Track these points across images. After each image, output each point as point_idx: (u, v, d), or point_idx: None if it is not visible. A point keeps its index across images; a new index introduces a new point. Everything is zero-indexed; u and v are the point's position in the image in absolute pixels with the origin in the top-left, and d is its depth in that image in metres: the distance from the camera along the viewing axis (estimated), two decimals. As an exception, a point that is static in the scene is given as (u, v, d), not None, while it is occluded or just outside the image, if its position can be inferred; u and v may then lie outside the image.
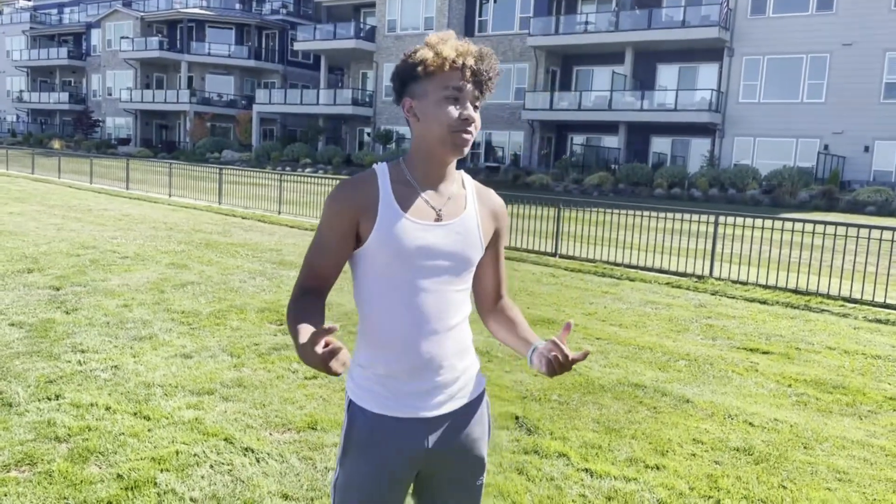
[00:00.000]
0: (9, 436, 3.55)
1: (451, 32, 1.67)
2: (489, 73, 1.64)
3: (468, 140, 1.64)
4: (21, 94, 60.16)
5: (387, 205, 1.64)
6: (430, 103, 1.63)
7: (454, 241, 1.67)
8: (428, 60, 1.62)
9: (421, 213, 1.66)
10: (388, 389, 1.67)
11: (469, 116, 1.62)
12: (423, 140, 1.67)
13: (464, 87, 1.62)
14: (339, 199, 1.65)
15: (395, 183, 1.67)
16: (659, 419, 4.28)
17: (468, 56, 1.62)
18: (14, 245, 9.45)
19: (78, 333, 5.44)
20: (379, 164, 1.72)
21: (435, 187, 1.70)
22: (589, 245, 11.04)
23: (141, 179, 20.75)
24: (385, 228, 1.62)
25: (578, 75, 35.87)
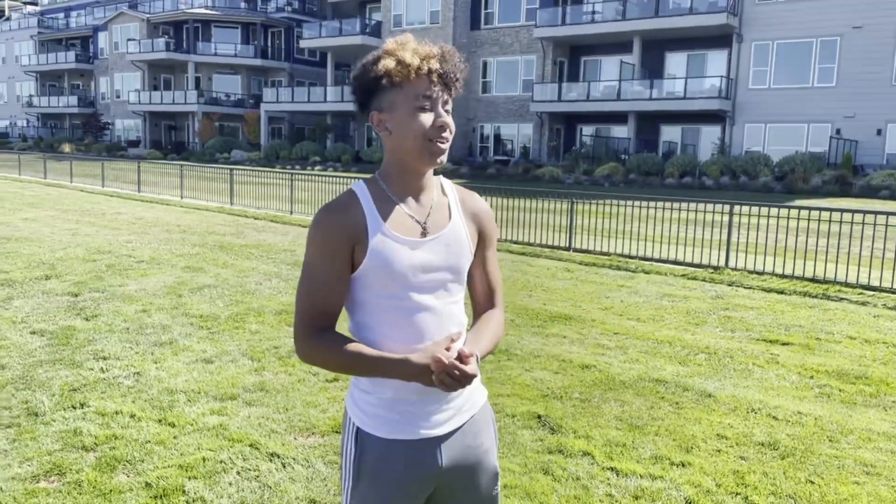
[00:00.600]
0: (36, 446, 3.58)
1: (409, 36, 1.61)
2: (455, 74, 1.59)
3: (445, 148, 1.60)
4: (31, 99, 60.52)
5: (374, 226, 1.59)
6: (402, 115, 1.57)
7: (445, 253, 1.64)
8: (392, 71, 1.55)
9: (408, 229, 1.62)
10: (397, 413, 1.62)
11: (444, 123, 1.58)
12: (398, 153, 1.62)
13: (433, 93, 1.57)
14: (328, 227, 1.59)
15: (377, 201, 1.62)
16: (682, 415, 4.26)
17: (432, 60, 1.57)
18: (31, 251, 9.52)
19: (99, 340, 5.47)
20: (355, 183, 1.66)
21: (416, 199, 1.65)
22: (603, 238, 11.01)
23: (152, 182, 20.83)
24: (377, 251, 1.58)
25: (586, 66, 35.70)
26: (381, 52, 1.58)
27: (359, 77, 1.61)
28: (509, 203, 12.47)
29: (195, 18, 48.63)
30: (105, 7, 59.16)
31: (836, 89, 27.94)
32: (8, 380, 4.52)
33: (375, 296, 1.60)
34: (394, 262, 1.58)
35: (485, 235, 1.74)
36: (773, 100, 29.22)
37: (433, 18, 38.07)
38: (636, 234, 10.84)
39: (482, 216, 1.74)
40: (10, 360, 4.93)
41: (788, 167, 25.63)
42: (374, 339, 1.61)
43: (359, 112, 1.66)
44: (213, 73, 49.10)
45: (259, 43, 48.81)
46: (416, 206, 1.65)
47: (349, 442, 1.68)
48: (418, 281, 1.60)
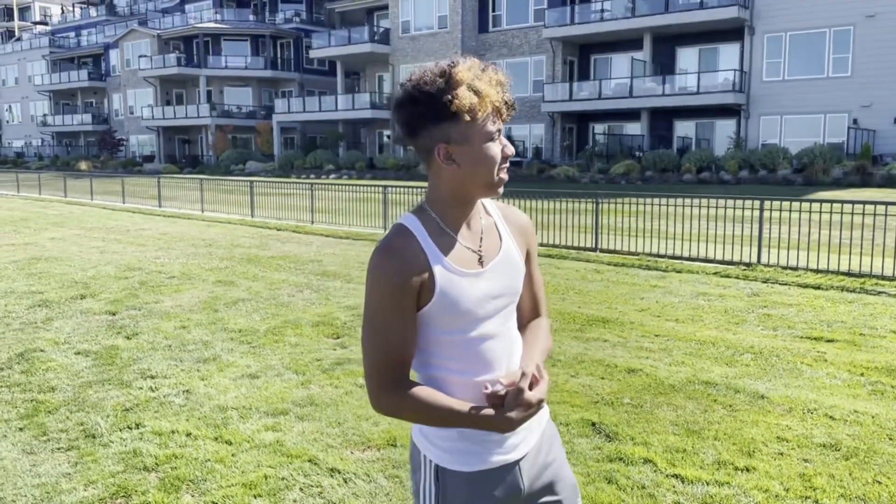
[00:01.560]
0: (99, 468, 3.60)
1: (475, 60, 1.53)
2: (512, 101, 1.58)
3: (507, 177, 1.60)
4: (45, 118, 61.16)
5: (437, 264, 1.54)
6: (475, 147, 1.52)
7: (504, 277, 1.62)
8: (474, 106, 1.48)
9: (467, 261, 1.58)
10: (474, 443, 1.59)
11: (511, 151, 1.57)
12: (464, 185, 1.55)
13: (499, 125, 1.55)
14: (391, 273, 1.51)
15: (432, 235, 1.57)
16: (737, 417, 4.22)
17: (504, 90, 1.55)
18: (62, 271, 9.60)
19: (143, 359, 5.50)
20: (405, 218, 1.60)
21: (468, 227, 1.62)
22: (629, 237, 10.95)
23: (172, 196, 20.98)
24: (444, 290, 1.53)
25: (597, 64, 35.60)
26: (450, 77, 1.47)
27: (424, 103, 1.48)
28: (528, 204, 12.44)
29: (205, 33, 48.97)
30: (116, 25, 59.71)
31: (851, 79, 27.70)
32: (61, 402, 4.55)
33: (439, 332, 1.57)
34: (461, 298, 1.54)
35: (530, 249, 1.74)
36: (787, 91, 29.01)
37: (441, 23, 38.13)
38: (663, 232, 10.78)
39: (527, 230, 1.73)
40: (60, 382, 4.96)
41: (807, 159, 25.43)
42: (439, 375, 1.58)
43: (405, 138, 1.55)
44: (224, 87, 49.41)
45: (269, 54, 49.07)
46: (469, 234, 1.61)
47: (428, 481, 1.63)
48: (484, 312, 1.58)
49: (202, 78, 48.84)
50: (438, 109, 1.47)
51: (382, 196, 14.13)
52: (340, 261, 10.36)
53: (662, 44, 32.29)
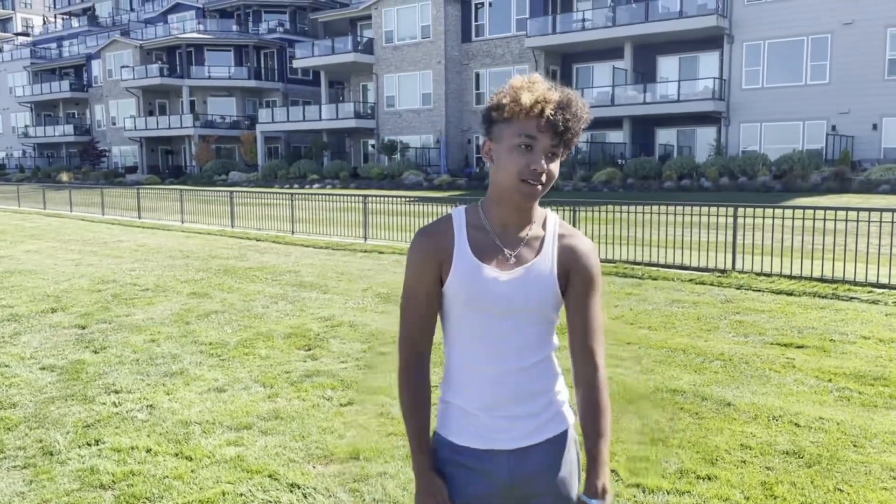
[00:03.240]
0: (54, 486, 3.53)
1: (538, 76, 1.65)
2: (569, 124, 1.61)
3: (534, 192, 1.62)
4: (27, 129, 60.67)
5: (461, 252, 1.68)
6: (503, 149, 1.63)
7: (527, 286, 1.67)
8: (505, 105, 1.62)
9: (494, 258, 1.67)
10: (468, 422, 1.71)
11: (538, 168, 1.60)
12: (495, 184, 1.68)
13: (537, 136, 1.60)
14: (419, 249, 1.71)
15: (470, 228, 1.70)
16: (703, 425, 4.22)
17: (547, 105, 1.60)
18: (34, 284, 9.49)
19: (109, 373, 5.43)
20: (457, 207, 1.76)
21: (510, 231, 1.70)
22: (606, 245, 10.97)
23: (152, 207, 20.84)
24: (459, 275, 1.67)
25: (579, 73, 35.81)
26: (508, 86, 1.65)
27: (487, 106, 1.69)
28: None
29: (188, 43, 48.82)
30: (97, 35, 59.40)
31: (829, 86, 28.01)
32: (21, 418, 4.48)
33: (456, 316, 1.70)
34: (475, 286, 1.65)
35: (579, 276, 1.70)
36: (766, 99, 29.29)
37: (424, 33, 38.24)
38: (640, 240, 10.82)
39: (579, 255, 1.71)
40: (22, 398, 4.89)
41: (787, 165, 25.65)
42: (456, 355, 1.73)
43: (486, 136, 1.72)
44: (207, 97, 49.24)
45: (252, 64, 48.98)
46: (509, 237, 1.70)
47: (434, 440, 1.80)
48: (498, 309, 1.66)
49: (185, 88, 48.66)
50: (488, 110, 1.67)
51: (363, 206, 14.10)
52: (318, 271, 10.31)
53: (643, 52, 32.53)
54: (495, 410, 1.70)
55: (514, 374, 1.69)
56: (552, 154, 1.63)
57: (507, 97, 1.63)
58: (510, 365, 1.69)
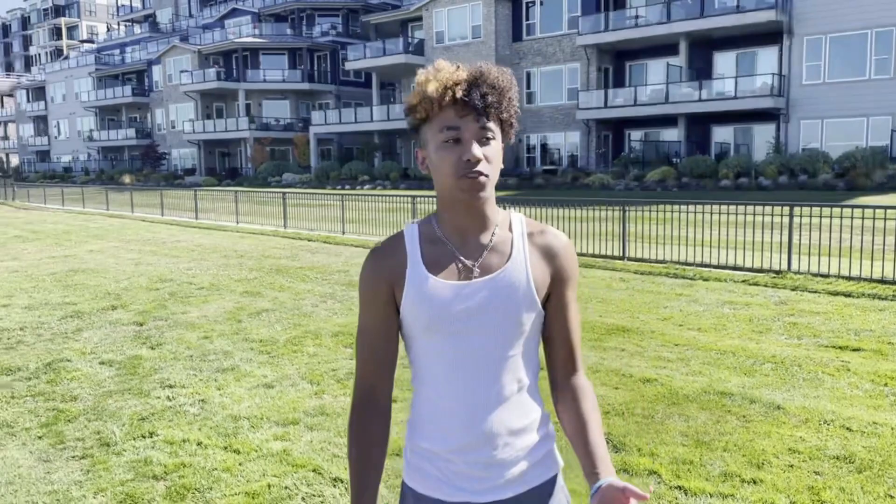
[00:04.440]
0: (109, 476, 3.68)
1: (443, 63, 1.44)
2: (489, 98, 1.40)
3: (477, 185, 1.41)
4: (91, 133, 62.90)
5: (414, 269, 1.46)
6: (432, 152, 1.44)
7: (496, 298, 1.44)
8: (417, 105, 1.44)
9: (453, 271, 1.46)
10: (436, 468, 1.47)
11: (472, 157, 1.39)
12: (439, 192, 1.48)
13: (459, 124, 1.40)
14: (367, 272, 1.50)
15: (425, 243, 1.49)
16: (750, 429, 4.14)
17: (457, 86, 1.40)
18: (96, 283, 9.86)
19: (164, 368, 5.62)
20: (409, 224, 1.56)
21: (470, 238, 1.48)
22: (658, 245, 10.81)
23: (209, 208, 21.39)
24: (413, 295, 1.45)
25: (632, 70, 35.31)
26: (415, 83, 1.46)
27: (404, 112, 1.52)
28: (558, 213, 12.38)
29: (244, 47, 49.92)
30: (158, 41, 61.24)
31: (893, 81, 26.97)
32: (81, 410, 4.67)
33: (418, 344, 1.48)
34: (433, 305, 1.43)
35: (557, 274, 1.49)
36: (828, 95, 28.37)
37: (475, 33, 38.24)
38: (692, 240, 10.62)
39: (556, 253, 1.49)
40: (82, 391, 5.10)
41: (849, 163, 24.80)
42: (426, 390, 1.49)
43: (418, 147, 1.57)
44: (262, 100, 50.26)
45: (306, 67, 49.80)
46: (470, 245, 1.48)
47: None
48: (463, 329, 1.43)
49: (241, 91, 49.77)
50: (404, 112, 1.51)
51: (411, 206, 14.20)
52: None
53: (699, 49, 31.88)
54: (469, 454, 1.44)
55: (491, 408, 1.45)
56: (484, 138, 1.42)
57: (416, 96, 1.44)
58: (485, 397, 1.45)
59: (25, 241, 15.94)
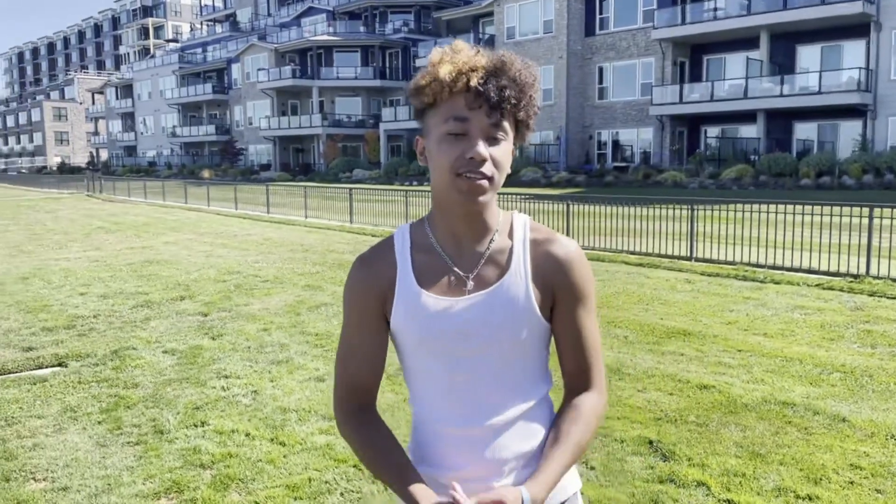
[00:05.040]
0: (160, 463, 3.79)
1: (463, 44, 1.30)
2: (506, 92, 1.25)
3: (477, 187, 1.25)
4: (174, 130, 65.40)
5: (403, 280, 1.34)
6: (432, 141, 1.29)
7: (492, 314, 1.31)
8: (425, 87, 1.28)
9: (445, 285, 1.33)
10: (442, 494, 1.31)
11: (476, 154, 1.23)
12: (434, 190, 1.34)
13: (469, 116, 1.25)
14: (353, 282, 1.38)
15: (416, 250, 1.36)
16: (811, 442, 3.93)
17: (473, 73, 1.25)
18: (169, 273, 10.21)
19: (223, 359, 5.76)
20: (400, 227, 1.43)
21: (464, 246, 1.35)
22: (728, 246, 10.43)
23: (280, 203, 21.89)
24: (403, 310, 1.33)
25: (709, 64, 34.27)
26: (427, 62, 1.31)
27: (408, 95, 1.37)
28: (625, 211, 12.11)
29: (318, 45, 50.91)
30: (237, 40, 63.09)
31: None
32: (140, 398, 4.84)
33: (418, 361, 1.36)
34: (424, 321, 1.31)
35: (564, 290, 1.34)
36: (921, 89, 26.83)
37: (546, 28, 37.86)
38: (765, 241, 10.20)
39: (562, 265, 1.34)
40: (144, 379, 5.28)
41: (942, 162, 23.41)
42: (424, 412, 1.39)
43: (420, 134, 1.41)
44: (335, 97, 51.16)
45: (378, 64, 50.39)
46: (464, 254, 1.34)
47: None
48: (457, 347, 1.31)
49: (315, 89, 50.79)
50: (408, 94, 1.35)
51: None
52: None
53: (780, 42, 30.66)
54: (475, 483, 1.30)
55: (495, 434, 1.33)
56: (494, 136, 1.26)
57: (425, 76, 1.28)
58: (486, 422, 1.32)
59: (108, 232, 16.70)
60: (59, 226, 18.57)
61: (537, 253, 1.35)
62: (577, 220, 12.20)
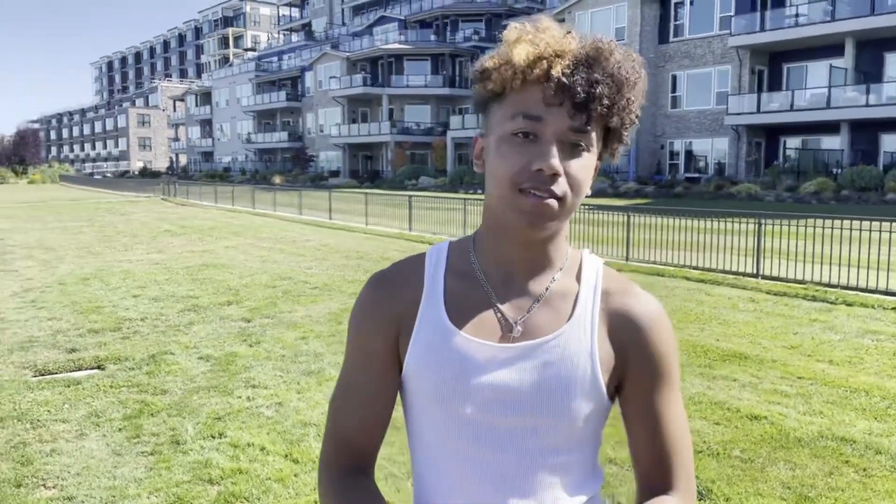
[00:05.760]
0: (169, 476, 3.70)
1: (550, 22, 1.00)
2: (597, 89, 0.94)
3: (546, 207, 0.95)
4: (249, 136, 67.24)
5: (429, 311, 1.04)
6: (493, 141, 1.00)
7: (541, 374, 0.99)
8: (491, 72, 0.99)
9: (482, 324, 1.02)
10: None
11: (546, 167, 0.94)
12: (487, 203, 1.06)
13: (544, 115, 0.95)
14: (362, 308, 1.08)
15: (451, 275, 1.06)
16: (868, 485, 3.52)
17: (557, 60, 0.94)
18: (222, 278, 10.32)
19: (255, 367, 5.69)
20: (437, 245, 1.12)
21: (515, 281, 1.04)
22: (798, 263, 9.82)
23: (343, 209, 22.06)
24: (422, 350, 1.03)
25: (789, 73, 32.91)
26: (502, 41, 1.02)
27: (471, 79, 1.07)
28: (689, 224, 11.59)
29: (389, 53, 51.47)
30: (311, 49, 64.48)
31: None
32: (165, 405, 4.79)
33: (431, 424, 1.05)
34: (444, 370, 1.00)
35: (641, 359, 1.03)
36: None
37: (618, 35, 37.09)
38: (840, 259, 9.55)
39: (639, 326, 1.03)
40: (174, 385, 5.24)
41: None
42: (428, 494, 1.07)
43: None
44: (404, 104, 51.59)
45: (447, 72, 50.57)
46: (513, 290, 1.04)
47: None
48: (490, 414, 1.00)
49: (384, 96, 51.34)
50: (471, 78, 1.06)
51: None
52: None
53: (867, 49, 29.16)
54: None
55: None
56: (574, 144, 0.96)
57: (494, 57, 0.99)
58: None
59: (174, 235, 17.13)
60: (129, 228, 19.19)
61: (610, 305, 1.04)
62: (638, 232, 11.76)
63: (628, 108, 0.98)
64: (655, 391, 1.03)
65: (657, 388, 1.03)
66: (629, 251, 11.64)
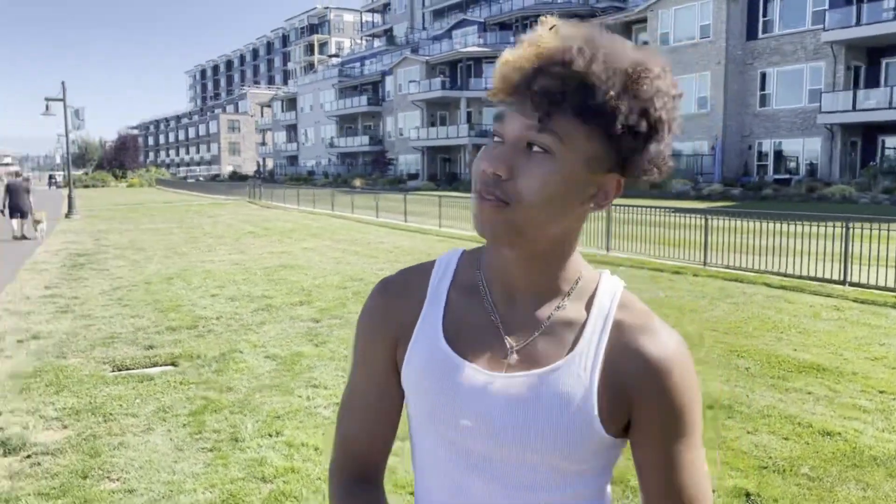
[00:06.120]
0: (225, 472, 3.80)
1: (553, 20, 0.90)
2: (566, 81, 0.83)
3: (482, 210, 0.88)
4: (332, 140, 68.76)
5: (426, 324, 0.99)
6: None
7: (535, 407, 0.91)
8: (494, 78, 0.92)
9: (479, 346, 0.95)
10: None
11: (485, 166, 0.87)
12: None
13: (506, 115, 0.88)
14: (367, 314, 1.05)
15: (456, 286, 1.01)
16: (950, 513, 3.27)
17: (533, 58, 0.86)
18: (297, 278, 10.57)
19: (318, 367, 5.79)
20: (448, 252, 1.07)
21: (519, 301, 0.96)
22: (890, 269, 9.26)
23: (419, 212, 22.25)
24: (415, 367, 0.98)
25: (888, 69, 31.13)
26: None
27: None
28: (773, 227, 11.10)
29: (468, 56, 51.63)
30: (392, 54, 65.38)
31: None
32: (229, 403, 4.93)
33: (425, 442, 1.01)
34: (435, 391, 0.95)
35: (647, 406, 0.91)
36: None
37: (703, 33, 36.04)
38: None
39: (649, 368, 0.91)
40: (239, 384, 5.40)
41: None
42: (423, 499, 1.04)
43: None
44: (482, 107, 51.56)
45: (526, 74, 50.27)
46: (517, 313, 0.96)
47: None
48: (479, 442, 0.93)
49: (463, 100, 51.50)
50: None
51: (605, 214, 13.58)
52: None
53: (976, 40, 27.26)
54: None
55: None
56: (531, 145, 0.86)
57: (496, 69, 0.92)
58: None
59: (256, 236, 17.69)
60: (215, 230, 19.94)
61: (619, 341, 0.92)
62: (717, 236, 11.35)
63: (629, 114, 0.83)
64: (667, 441, 0.91)
65: (669, 437, 0.91)
66: (707, 255, 11.25)
